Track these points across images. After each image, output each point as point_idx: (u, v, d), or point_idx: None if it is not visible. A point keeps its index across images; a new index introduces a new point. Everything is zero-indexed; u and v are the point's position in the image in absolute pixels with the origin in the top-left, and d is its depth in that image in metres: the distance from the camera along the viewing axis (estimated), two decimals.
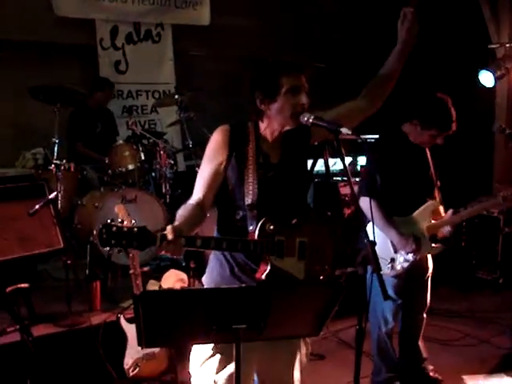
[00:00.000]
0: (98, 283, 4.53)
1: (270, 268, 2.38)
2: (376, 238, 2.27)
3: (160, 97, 7.55)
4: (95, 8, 6.86)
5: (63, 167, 5.28)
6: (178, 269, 4.72)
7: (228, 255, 2.52)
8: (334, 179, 6.46)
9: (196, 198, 2.44)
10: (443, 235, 3.73)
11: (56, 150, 5.39)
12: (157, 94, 7.62)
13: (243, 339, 2.10)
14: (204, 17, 7.69)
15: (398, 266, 3.62)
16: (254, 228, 2.38)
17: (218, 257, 2.56)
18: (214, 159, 2.48)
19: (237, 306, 2.07)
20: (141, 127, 7.14)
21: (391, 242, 3.62)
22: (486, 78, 6.12)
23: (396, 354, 3.91)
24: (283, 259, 2.41)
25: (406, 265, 3.61)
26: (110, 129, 6.59)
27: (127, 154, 5.77)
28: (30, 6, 6.37)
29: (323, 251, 2.50)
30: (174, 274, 4.63)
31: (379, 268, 2.19)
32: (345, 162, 2.38)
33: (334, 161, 6.46)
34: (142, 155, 5.82)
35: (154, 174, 6.08)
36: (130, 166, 5.73)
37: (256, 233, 2.38)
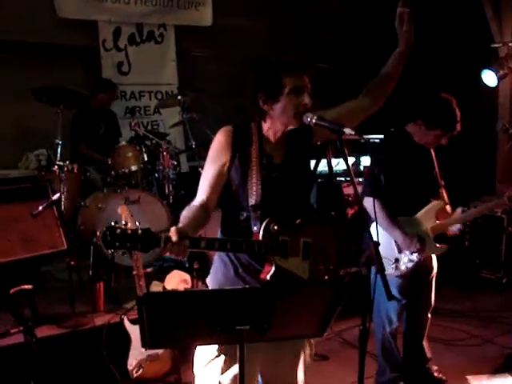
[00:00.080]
0: (101, 284, 4.53)
1: (274, 268, 2.38)
2: (380, 238, 2.26)
3: (163, 98, 7.55)
4: (98, 9, 6.87)
5: (66, 168, 5.28)
6: (182, 270, 4.72)
7: (232, 256, 2.52)
8: (338, 179, 6.46)
9: (200, 199, 2.44)
10: (453, 233, 3.73)
11: (59, 151, 5.40)
12: (159, 95, 7.63)
13: (247, 340, 2.10)
14: (206, 17, 7.69)
15: (403, 267, 3.62)
16: (258, 228, 2.38)
17: (223, 258, 2.56)
18: (217, 160, 2.48)
19: (240, 307, 2.07)
20: (144, 128, 7.14)
21: (395, 242, 3.62)
22: (489, 77, 6.10)
23: (400, 354, 3.91)
24: (287, 259, 2.41)
25: (410, 265, 3.61)
26: (112, 130, 6.60)
27: (130, 155, 5.77)
28: (33, 8, 6.37)
29: (327, 251, 2.50)
30: (178, 275, 4.63)
31: (383, 269, 2.19)
32: (348, 162, 2.38)
33: (337, 161, 6.46)
34: (145, 156, 5.82)
35: (157, 174, 6.08)
36: (133, 167, 5.73)
37: (260, 233, 2.38)
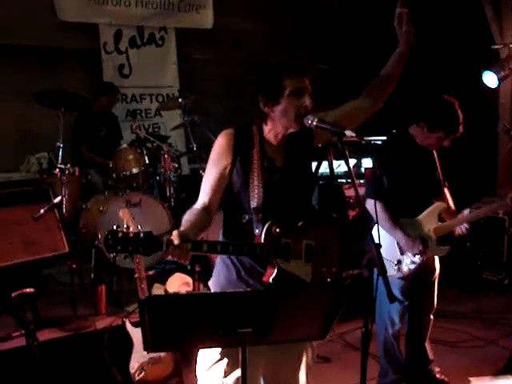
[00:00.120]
0: (103, 287, 4.53)
1: (276, 271, 2.38)
2: (382, 240, 2.27)
3: (164, 100, 7.57)
4: (98, 12, 6.89)
5: (68, 171, 5.28)
6: (183, 272, 4.71)
7: (235, 259, 2.52)
8: (339, 181, 6.46)
9: (202, 202, 2.45)
10: (461, 233, 3.73)
11: (60, 154, 5.40)
12: (160, 98, 7.64)
13: (249, 343, 2.10)
14: (207, 20, 7.70)
15: (405, 268, 3.61)
16: (260, 231, 2.38)
17: (225, 260, 2.56)
18: (218, 163, 2.48)
19: (242, 309, 2.07)
20: (145, 131, 7.12)
21: (398, 243, 3.62)
22: (490, 78, 6.10)
23: (402, 356, 3.90)
24: (290, 262, 2.41)
25: (412, 267, 3.60)
26: (114, 133, 6.60)
27: (131, 157, 5.77)
28: (33, 11, 6.38)
29: (329, 253, 2.50)
30: (179, 278, 4.63)
31: (384, 271, 2.19)
32: (349, 164, 2.38)
33: (338, 163, 6.45)
34: (146, 159, 5.82)
35: (159, 177, 6.09)
36: (135, 170, 5.73)
37: (262, 236, 2.38)
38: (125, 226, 2.17)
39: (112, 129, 6.58)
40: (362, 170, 6.96)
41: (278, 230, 2.38)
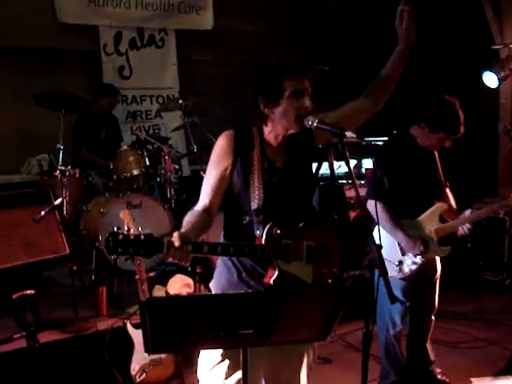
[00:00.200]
0: (103, 289, 4.53)
1: (277, 272, 2.38)
2: (384, 241, 2.27)
3: (164, 102, 7.57)
4: (98, 14, 6.89)
5: (68, 173, 5.28)
6: (184, 274, 4.71)
7: (236, 260, 2.52)
8: (339, 182, 6.46)
9: (202, 203, 2.45)
10: (463, 233, 3.73)
11: (61, 156, 5.39)
12: (161, 99, 7.64)
13: (250, 344, 2.10)
14: (207, 21, 7.70)
15: (406, 269, 3.61)
16: (261, 232, 2.38)
17: (226, 262, 2.56)
18: (219, 165, 2.48)
19: (243, 311, 2.07)
20: (145, 132, 7.15)
21: (399, 244, 3.62)
22: (490, 79, 6.10)
23: (404, 357, 3.90)
24: (291, 263, 2.40)
25: (413, 267, 3.60)
26: (114, 134, 6.60)
27: (132, 159, 5.78)
28: (33, 12, 6.39)
29: (330, 254, 2.50)
30: (180, 279, 4.63)
31: (385, 272, 2.19)
32: (349, 164, 2.37)
33: (338, 164, 6.45)
34: (147, 160, 5.82)
35: (159, 179, 6.09)
36: (135, 172, 5.73)
37: (263, 237, 2.37)
38: (125, 227, 2.16)
39: (112, 130, 6.58)
40: (363, 170, 6.96)
41: (278, 231, 2.38)
